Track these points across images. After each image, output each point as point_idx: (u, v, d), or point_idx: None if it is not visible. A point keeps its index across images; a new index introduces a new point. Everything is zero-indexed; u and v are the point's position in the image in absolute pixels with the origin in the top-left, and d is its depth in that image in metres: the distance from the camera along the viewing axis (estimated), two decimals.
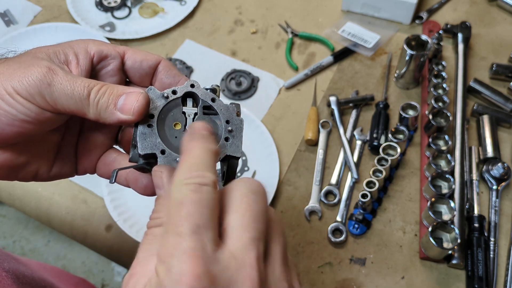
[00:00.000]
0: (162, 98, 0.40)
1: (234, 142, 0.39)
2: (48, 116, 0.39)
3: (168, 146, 0.38)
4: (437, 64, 0.86)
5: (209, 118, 0.40)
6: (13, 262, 0.61)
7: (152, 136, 0.38)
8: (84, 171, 0.48)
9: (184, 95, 0.41)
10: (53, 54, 0.41)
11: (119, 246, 0.74)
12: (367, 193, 0.72)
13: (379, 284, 0.69)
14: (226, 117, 0.40)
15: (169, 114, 0.40)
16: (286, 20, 1.01)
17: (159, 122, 0.39)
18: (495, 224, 0.72)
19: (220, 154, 0.38)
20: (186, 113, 0.40)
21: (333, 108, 0.84)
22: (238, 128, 0.40)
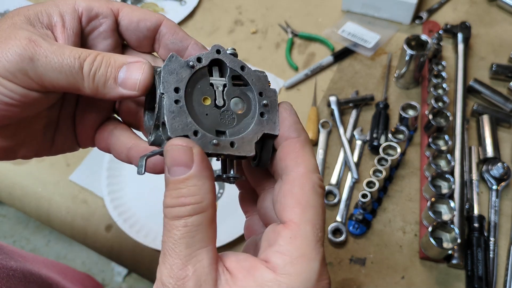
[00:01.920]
0: (187, 68, 0.33)
1: (270, 118, 0.34)
2: (35, 97, 0.34)
3: (200, 125, 0.32)
4: (437, 64, 0.86)
5: (240, 90, 0.35)
6: (20, 261, 0.61)
7: (181, 114, 0.32)
8: (85, 144, 0.42)
9: (210, 63, 0.34)
10: (34, 16, 0.35)
11: (119, 246, 0.74)
12: (367, 193, 0.72)
13: (379, 284, 0.69)
14: (258, 88, 0.34)
15: (196, 87, 0.34)
16: (286, 20, 1.02)
17: (187, 97, 0.33)
18: (495, 224, 0.72)
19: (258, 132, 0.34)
20: (214, 85, 0.34)
21: (333, 108, 0.84)
22: (273, 101, 0.35)
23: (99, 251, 0.77)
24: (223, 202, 0.77)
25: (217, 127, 0.33)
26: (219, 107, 0.34)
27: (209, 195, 0.30)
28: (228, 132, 0.34)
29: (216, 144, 0.32)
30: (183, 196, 0.30)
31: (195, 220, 0.29)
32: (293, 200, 0.31)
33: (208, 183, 0.30)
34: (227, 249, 0.71)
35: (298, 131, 0.34)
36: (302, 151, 0.33)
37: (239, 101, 0.35)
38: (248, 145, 0.33)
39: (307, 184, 0.32)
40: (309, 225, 0.30)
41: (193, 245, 0.29)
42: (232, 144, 0.33)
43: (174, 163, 0.30)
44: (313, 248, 0.30)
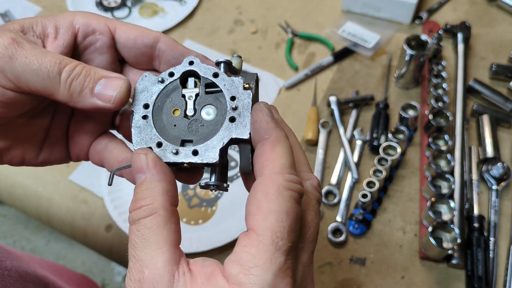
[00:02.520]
0: (158, 84, 0.35)
1: (240, 122, 0.33)
2: (11, 96, 0.34)
3: (166, 136, 0.34)
4: (437, 64, 0.86)
5: (213, 97, 0.35)
6: (16, 260, 0.61)
7: (147, 128, 0.34)
8: (77, 157, 0.42)
9: (183, 76, 0.35)
10: (28, 25, 0.35)
11: (119, 246, 0.74)
12: (367, 193, 0.72)
13: (379, 284, 0.69)
14: (231, 93, 0.34)
15: (167, 100, 0.35)
16: (286, 20, 1.02)
17: (156, 111, 0.35)
18: (494, 224, 0.72)
19: (223, 138, 0.33)
20: (186, 96, 0.35)
21: (333, 108, 0.85)
22: (245, 105, 0.33)
23: (99, 251, 0.77)
24: (223, 202, 0.77)
25: (184, 136, 0.34)
26: (189, 117, 0.35)
27: (160, 197, 0.31)
28: (195, 140, 0.34)
29: (176, 153, 0.33)
30: (138, 200, 0.31)
31: (147, 222, 0.30)
32: (255, 206, 0.29)
33: (159, 186, 0.32)
34: (228, 249, 0.71)
35: (268, 131, 0.32)
36: (270, 152, 0.31)
37: (210, 108, 0.35)
38: (211, 152, 0.33)
39: (271, 187, 0.29)
40: (268, 233, 0.28)
41: (147, 248, 0.30)
42: (195, 152, 0.33)
43: (135, 170, 0.33)
44: (268, 258, 0.28)
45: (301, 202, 0.31)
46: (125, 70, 0.41)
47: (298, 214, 0.30)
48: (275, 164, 0.30)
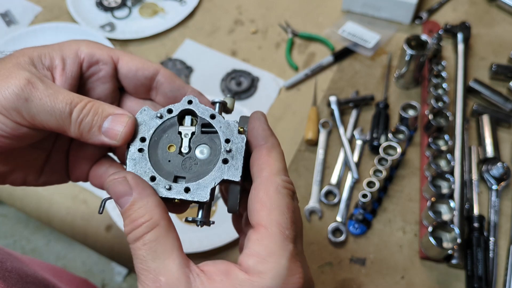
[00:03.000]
0: (156, 119, 0.36)
1: (233, 164, 0.35)
2: (24, 132, 0.36)
3: (160, 171, 0.35)
4: (437, 64, 0.86)
5: (208, 137, 0.36)
6: (16, 261, 0.61)
7: (142, 161, 0.35)
8: (77, 179, 0.44)
9: (181, 113, 0.37)
10: (37, 58, 0.37)
11: (119, 246, 0.74)
12: (367, 193, 0.72)
13: (379, 284, 0.69)
14: (226, 135, 0.36)
15: (164, 136, 0.36)
16: (286, 20, 1.02)
17: (152, 145, 0.36)
18: (494, 224, 0.72)
19: (215, 178, 0.35)
20: (182, 133, 0.36)
21: (333, 108, 0.85)
22: (238, 148, 0.35)
23: (99, 251, 0.77)
24: (223, 203, 0.77)
25: (177, 172, 0.36)
26: (183, 154, 0.36)
27: (156, 209, 0.33)
28: (187, 178, 0.35)
29: (168, 188, 0.35)
30: (134, 220, 0.33)
31: (152, 235, 0.32)
32: (258, 204, 0.33)
33: (151, 201, 0.33)
34: (228, 249, 0.71)
35: (265, 138, 0.36)
36: (267, 156, 0.35)
37: (205, 148, 0.36)
38: (203, 190, 0.35)
39: (271, 186, 0.33)
40: (274, 225, 0.32)
41: (158, 258, 0.32)
42: (186, 189, 0.35)
43: (118, 196, 0.34)
44: (280, 246, 0.32)
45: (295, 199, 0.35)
46: (124, 99, 0.43)
47: (295, 208, 0.34)
48: (272, 167, 0.34)
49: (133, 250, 0.33)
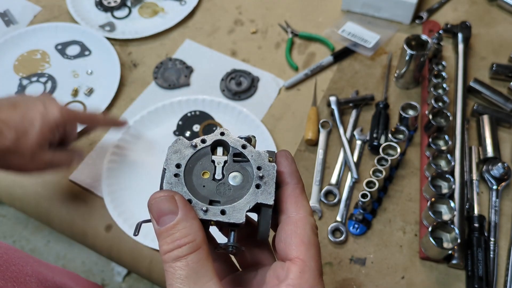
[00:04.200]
0: (191, 147, 0.38)
1: (266, 189, 0.37)
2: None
3: (195, 195, 0.37)
4: (437, 64, 0.86)
5: (240, 165, 0.39)
6: (36, 265, 0.62)
7: (178, 185, 0.37)
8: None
9: (214, 144, 0.39)
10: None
11: (119, 246, 0.74)
12: (367, 193, 0.72)
13: (379, 284, 0.69)
14: (257, 163, 0.38)
15: (198, 163, 0.38)
16: (286, 20, 1.01)
17: (187, 172, 0.38)
18: (495, 224, 0.72)
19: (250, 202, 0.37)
20: (215, 161, 0.38)
21: (333, 108, 0.84)
22: (270, 175, 0.37)
23: (99, 251, 0.77)
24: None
25: (212, 197, 0.37)
26: (217, 180, 0.38)
27: (199, 232, 0.34)
28: (222, 202, 0.37)
29: (205, 210, 0.36)
30: (178, 239, 0.33)
31: (195, 257, 0.33)
32: (297, 239, 0.35)
33: (196, 223, 0.34)
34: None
35: (297, 179, 0.38)
36: (301, 196, 0.38)
37: (238, 175, 0.38)
38: (238, 213, 0.36)
39: (308, 225, 0.36)
40: (313, 261, 0.35)
41: (200, 280, 0.32)
42: (222, 212, 0.36)
43: (162, 213, 0.34)
44: (318, 281, 0.34)
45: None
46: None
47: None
48: (307, 208, 0.37)
49: (172, 269, 0.33)
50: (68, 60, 0.96)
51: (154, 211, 0.34)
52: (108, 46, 0.95)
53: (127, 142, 0.82)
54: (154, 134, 0.84)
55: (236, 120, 0.85)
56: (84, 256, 1.55)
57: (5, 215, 1.66)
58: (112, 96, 0.88)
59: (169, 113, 0.86)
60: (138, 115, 0.84)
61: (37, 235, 1.61)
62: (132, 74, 0.94)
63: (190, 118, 0.86)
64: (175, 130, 0.84)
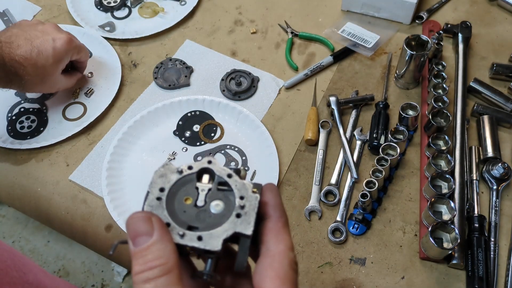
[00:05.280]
0: (176, 173, 0.39)
1: (246, 219, 0.37)
2: None
3: (175, 219, 0.37)
4: (437, 64, 0.86)
5: (223, 194, 0.39)
6: (40, 275, 0.63)
7: (159, 208, 0.37)
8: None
9: (200, 171, 0.40)
10: None
11: (119, 246, 0.74)
12: (367, 193, 0.71)
13: (379, 284, 0.69)
14: (240, 193, 0.38)
15: (182, 189, 0.39)
16: (286, 20, 1.01)
17: (170, 196, 0.38)
18: (495, 224, 0.72)
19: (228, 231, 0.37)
20: (199, 188, 0.39)
21: (333, 108, 0.84)
22: (251, 205, 0.38)
23: (99, 251, 0.77)
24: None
25: (191, 223, 0.37)
26: (199, 207, 0.38)
27: (172, 256, 0.34)
28: (200, 228, 0.37)
29: (182, 235, 0.36)
30: (150, 261, 0.33)
31: (165, 280, 0.32)
32: (273, 273, 0.35)
33: (170, 246, 0.34)
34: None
35: (281, 212, 0.38)
36: (283, 229, 0.37)
37: (220, 203, 0.38)
38: (215, 240, 0.36)
39: (286, 260, 0.36)
40: None
41: None
42: (199, 237, 0.36)
43: (137, 233, 0.34)
44: None
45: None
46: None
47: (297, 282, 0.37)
48: (288, 242, 0.37)
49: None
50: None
51: (130, 231, 0.34)
52: (108, 46, 0.95)
53: (127, 142, 0.82)
54: (154, 134, 0.84)
55: (236, 120, 0.85)
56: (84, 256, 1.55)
57: (5, 215, 1.66)
58: (112, 96, 0.88)
59: (169, 113, 0.86)
60: (138, 115, 0.84)
61: (37, 235, 1.61)
62: (132, 74, 0.93)
63: (190, 118, 0.86)
64: (175, 130, 0.84)
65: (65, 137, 0.83)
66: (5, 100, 0.89)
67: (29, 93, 0.89)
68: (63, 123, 0.86)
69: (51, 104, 0.89)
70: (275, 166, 0.78)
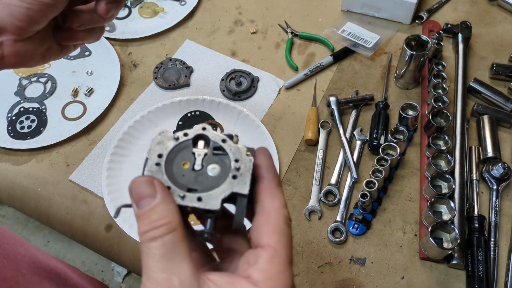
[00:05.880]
0: (173, 140, 0.41)
1: (242, 180, 0.39)
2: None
3: (175, 183, 0.38)
4: (437, 64, 0.86)
5: (219, 158, 0.41)
6: (31, 249, 0.65)
7: (158, 173, 0.38)
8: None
9: (195, 137, 0.41)
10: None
11: (119, 246, 0.74)
12: (367, 193, 0.71)
13: (379, 284, 0.69)
14: (235, 156, 0.40)
15: (179, 154, 0.40)
16: (286, 20, 1.01)
17: (168, 162, 0.40)
18: (495, 224, 0.72)
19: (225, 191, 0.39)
20: (196, 153, 0.40)
21: (333, 108, 0.84)
22: (246, 167, 0.39)
23: (99, 251, 0.77)
24: None
25: (190, 185, 0.39)
26: (196, 171, 0.40)
27: (176, 216, 0.35)
28: (199, 190, 0.39)
29: (183, 196, 0.37)
30: (155, 221, 0.34)
31: (170, 237, 0.34)
32: (269, 228, 0.37)
33: (173, 207, 0.35)
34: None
35: (274, 173, 0.40)
36: (276, 189, 0.39)
37: (216, 166, 0.40)
38: (214, 200, 0.38)
39: (281, 216, 0.38)
40: (284, 248, 0.36)
41: (174, 259, 0.33)
42: (199, 198, 0.38)
43: (141, 196, 0.35)
44: (287, 267, 0.36)
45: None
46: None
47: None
48: (281, 199, 0.39)
49: (147, 248, 0.34)
50: (68, 60, 0.96)
51: (134, 195, 0.36)
52: (108, 46, 0.95)
53: (127, 142, 0.82)
54: (154, 134, 0.84)
55: (236, 120, 0.85)
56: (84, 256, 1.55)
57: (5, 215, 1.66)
58: (112, 96, 0.88)
59: (169, 113, 0.86)
60: (138, 115, 0.84)
61: (37, 235, 1.61)
62: (132, 74, 0.94)
63: (190, 118, 0.86)
64: (175, 130, 0.84)
65: (65, 137, 0.83)
66: (5, 100, 0.89)
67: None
68: (63, 123, 0.86)
69: (50, 103, 0.89)
70: (275, 166, 0.77)
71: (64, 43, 0.61)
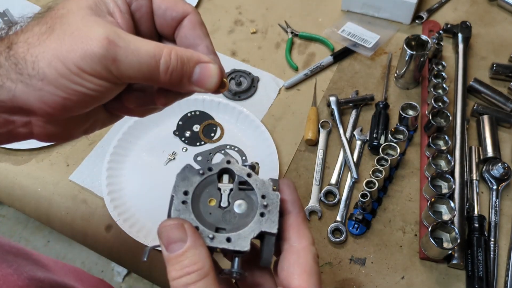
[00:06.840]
0: (198, 175, 0.40)
1: (270, 218, 0.38)
2: (114, 87, 0.39)
3: (202, 222, 0.38)
4: (437, 64, 0.86)
5: (245, 194, 0.40)
6: (45, 271, 0.63)
7: (186, 212, 0.38)
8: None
9: (220, 172, 0.41)
10: (94, 6, 0.38)
11: (119, 246, 0.74)
12: (367, 193, 0.71)
13: (379, 284, 0.69)
14: (261, 192, 0.39)
15: (205, 191, 0.40)
16: (286, 20, 1.01)
17: (194, 199, 0.39)
18: (495, 224, 0.72)
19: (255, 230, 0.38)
20: (222, 189, 0.40)
21: (333, 108, 0.84)
22: (273, 203, 0.39)
23: (99, 251, 0.77)
24: None
25: (218, 224, 0.38)
26: (223, 208, 0.39)
27: (208, 259, 0.35)
28: (228, 229, 0.38)
29: (212, 238, 0.37)
30: (187, 267, 0.34)
31: (203, 284, 0.33)
32: (300, 269, 0.37)
33: (204, 251, 0.35)
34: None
35: (299, 207, 0.39)
36: (303, 225, 0.39)
37: (243, 203, 0.39)
38: (243, 240, 0.37)
39: (310, 255, 0.37)
40: (314, 287, 0.36)
41: None
42: (228, 239, 0.37)
43: (171, 241, 0.35)
44: None
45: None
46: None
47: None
48: (309, 237, 0.38)
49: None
50: None
51: (164, 238, 0.35)
52: None
53: (127, 142, 0.82)
54: (154, 134, 0.84)
55: (236, 120, 0.85)
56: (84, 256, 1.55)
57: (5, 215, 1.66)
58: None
59: (169, 113, 0.86)
60: None
61: (37, 235, 1.61)
62: None
63: (190, 118, 0.86)
64: (175, 130, 0.84)
65: None
66: None
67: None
68: None
69: None
70: (275, 166, 0.78)
71: (116, 113, 0.48)
